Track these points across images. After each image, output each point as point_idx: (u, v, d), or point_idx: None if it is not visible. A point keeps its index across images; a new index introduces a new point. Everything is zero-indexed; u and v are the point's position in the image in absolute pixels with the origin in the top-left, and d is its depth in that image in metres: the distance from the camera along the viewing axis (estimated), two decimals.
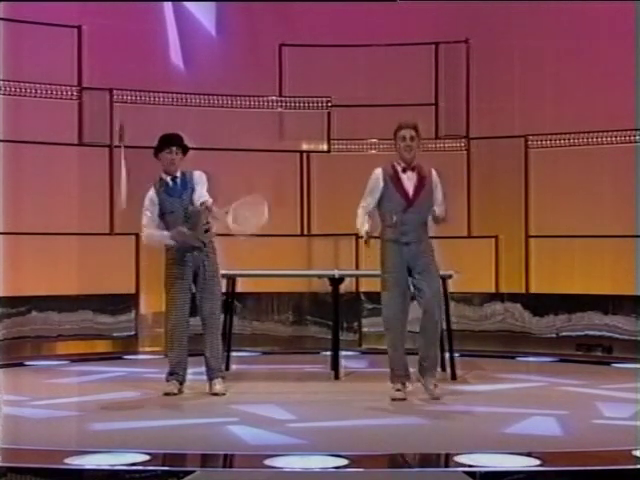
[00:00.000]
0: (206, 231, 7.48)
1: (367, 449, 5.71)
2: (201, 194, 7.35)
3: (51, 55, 10.19)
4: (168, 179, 7.50)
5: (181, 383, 7.51)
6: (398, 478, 5.23)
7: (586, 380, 8.31)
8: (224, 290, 8.03)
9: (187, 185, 7.47)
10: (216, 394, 7.43)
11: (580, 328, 10.23)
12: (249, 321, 10.53)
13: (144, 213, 7.52)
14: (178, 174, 7.51)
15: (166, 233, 7.43)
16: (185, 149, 7.54)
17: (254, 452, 5.61)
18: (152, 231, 7.53)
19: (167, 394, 7.39)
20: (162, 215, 7.49)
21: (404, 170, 7.25)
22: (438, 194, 7.33)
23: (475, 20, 10.59)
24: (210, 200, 7.22)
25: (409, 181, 7.24)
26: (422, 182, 7.25)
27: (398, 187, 7.23)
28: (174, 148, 7.47)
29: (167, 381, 7.49)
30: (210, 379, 7.53)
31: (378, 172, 7.29)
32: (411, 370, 7.30)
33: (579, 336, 10.21)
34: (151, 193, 7.53)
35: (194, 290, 7.51)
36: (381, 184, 7.25)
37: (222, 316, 7.66)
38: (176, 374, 7.49)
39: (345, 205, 7.46)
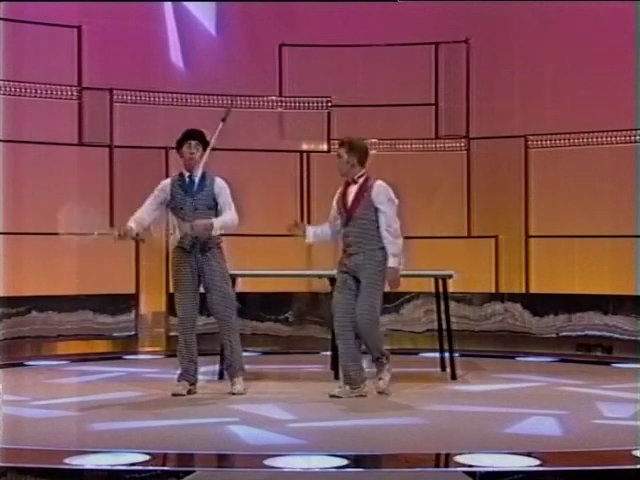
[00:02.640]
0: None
1: (367, 449, 5.71)
2: (223, 203, 7.38)
3: (51, 55, 10.19)
4: (186, 175, 7.45)
5: (192, 384, 7.46)
6: (398, 478, 5.22)
7: (586, 380, 8.31)
8: None
9: (204, 187, 7.40)
10: (234, 393, 7.40)
11: (580, 328, 10.23)
12: (249, 321, 10.52)
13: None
14: (198, 173, 7.42)
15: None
16: (206, 146, 7.47)
17: (254, 452, 5.61)
18: (136, 214, 7.49)
19: (175, 395, 7.34)
20: (173, 209, 7.47)
21: (348, 184, 7.34)
22: (383, 207, 7.23)
23: (475, 20, 10.60)
24: (210, 226, 7.30)
25: (351, 195, 7.30)
26: (360, 195, 7.26)
27: (343, 201, 7.34)
28: (193, 142, 7.40)
29: (178, 381, 7.45)
30: (230, 378, 7.53)
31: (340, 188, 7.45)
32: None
33: (579, 336, 10.21)
34: (166, 181, 7.54)
35: (202, 290, 7.47)
36: (336, 197, 7.42)
37: (235, 315, 7.59)
38: (186, 374, 7.45)
39: None
